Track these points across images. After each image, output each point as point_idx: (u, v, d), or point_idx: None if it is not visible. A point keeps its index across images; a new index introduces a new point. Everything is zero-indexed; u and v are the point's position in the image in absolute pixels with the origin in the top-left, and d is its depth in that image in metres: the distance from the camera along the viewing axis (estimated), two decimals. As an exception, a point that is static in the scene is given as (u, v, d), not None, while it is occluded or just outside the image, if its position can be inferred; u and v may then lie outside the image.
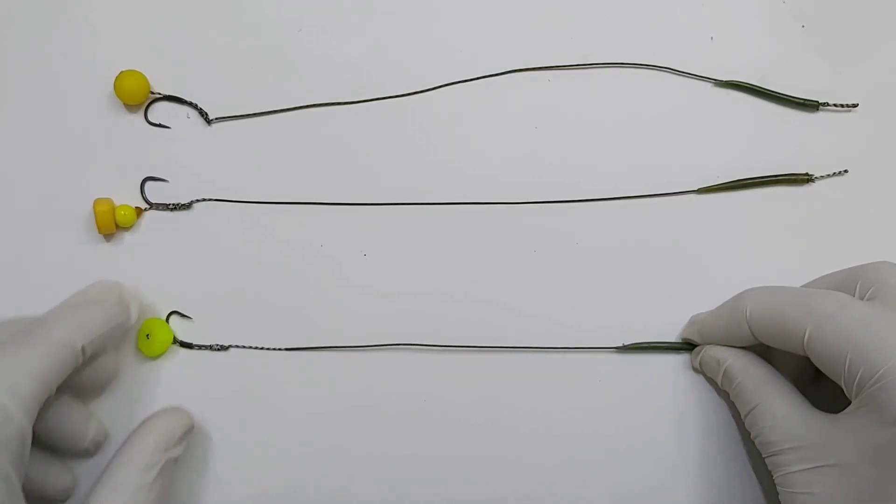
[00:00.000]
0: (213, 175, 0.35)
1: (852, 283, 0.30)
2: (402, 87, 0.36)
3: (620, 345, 0.34)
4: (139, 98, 0.35)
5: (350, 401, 0.34)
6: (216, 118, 0.35)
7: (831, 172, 0.36)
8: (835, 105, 0.36)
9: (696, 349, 0.34)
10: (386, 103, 0.36)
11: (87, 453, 0.32)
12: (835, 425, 0.28)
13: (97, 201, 0.34)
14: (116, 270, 0.34)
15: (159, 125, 0.35)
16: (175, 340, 0.34)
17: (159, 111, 0.35)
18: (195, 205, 0.35)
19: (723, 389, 0.33)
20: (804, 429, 0.29)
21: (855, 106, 0.36)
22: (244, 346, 0.34)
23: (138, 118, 0.35)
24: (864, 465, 0.27)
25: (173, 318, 0.34)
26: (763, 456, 0.30)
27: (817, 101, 0.36)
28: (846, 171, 0.36)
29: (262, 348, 0.34)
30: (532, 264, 0.35)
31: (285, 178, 0.35)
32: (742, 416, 0.32)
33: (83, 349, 0.29)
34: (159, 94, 0.35)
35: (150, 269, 0.35)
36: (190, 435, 0.33)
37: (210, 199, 0.35)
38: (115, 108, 0.35)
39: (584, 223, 0.35)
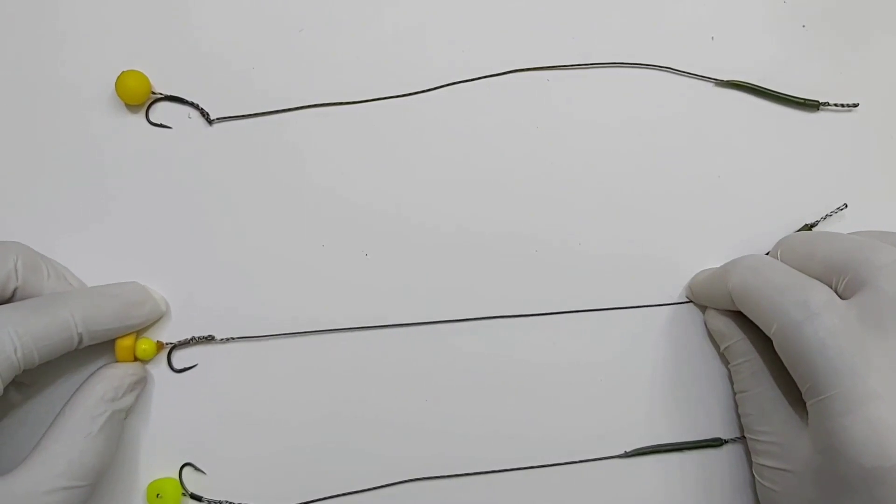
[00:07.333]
0: (215, 175, 0.35)
1: (849, 264, 0.28)
2: (403, 87, 0.36)
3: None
4: (140, 98, 0.35)
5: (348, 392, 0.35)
6: (217, 118, 0.35)
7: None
8: (835, 105, 0.36)
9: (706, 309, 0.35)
10: (386, 103, 0.36)
11: None
12: (800, 433, 0.28)
13: (118, 341, 0.32)
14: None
15: (161, 125, 0.35)
16: (185, 493, 0.33)
17: (160, 111, 0.35)
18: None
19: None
20: (780, 429, 0.29)
21: (855, 106, 0.36)
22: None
23: (139, 118, 0.35)
24: (810, 482, 0.27)
25: (186, 469, 0.33)
26: (745, 434, 0.32)
27: (817, 101, 0.36)
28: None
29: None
30: (532, 263, 0.35)
31: (286, 179, 0.35)
32: (733, 389, 0.33)
33: (80, 336, 0.29)
34: (161, 94, 0.35)
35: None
36: (142, 387, 0.32)
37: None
38: (117, 109, 0.35)
39: (584, 222, 0.35)
